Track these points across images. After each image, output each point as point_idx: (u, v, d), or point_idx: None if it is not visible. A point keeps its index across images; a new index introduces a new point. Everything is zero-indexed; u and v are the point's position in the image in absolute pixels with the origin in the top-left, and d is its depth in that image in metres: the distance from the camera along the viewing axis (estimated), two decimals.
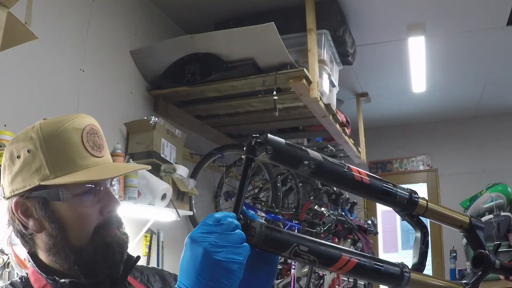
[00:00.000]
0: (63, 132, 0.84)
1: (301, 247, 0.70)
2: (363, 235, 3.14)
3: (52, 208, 0.83)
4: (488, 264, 0.90)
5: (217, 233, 0.63)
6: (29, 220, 0.84)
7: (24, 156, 0.83)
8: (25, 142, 0.84)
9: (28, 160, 0.83)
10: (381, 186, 0.82)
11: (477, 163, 5.13)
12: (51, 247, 0.83)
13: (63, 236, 0.83)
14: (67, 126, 0.85)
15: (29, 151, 0.83)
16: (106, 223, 0.86)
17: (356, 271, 0.74)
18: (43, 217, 0.83)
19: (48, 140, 0.83)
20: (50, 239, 0.83)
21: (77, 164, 0.84)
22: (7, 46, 1.27)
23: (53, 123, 0.86)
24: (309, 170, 0.74)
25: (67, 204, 0.83)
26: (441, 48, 3.51)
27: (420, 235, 0.90)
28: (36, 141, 0.83)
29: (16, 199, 0.84)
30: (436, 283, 0.85)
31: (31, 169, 0.82)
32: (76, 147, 0.85)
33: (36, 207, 0.83)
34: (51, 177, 0.82)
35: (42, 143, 0.83)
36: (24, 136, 0.85)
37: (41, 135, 0.84)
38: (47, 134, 0.84)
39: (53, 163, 0.82)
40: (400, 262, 0.81)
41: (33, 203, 0.83)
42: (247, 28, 2.32)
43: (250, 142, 0.70)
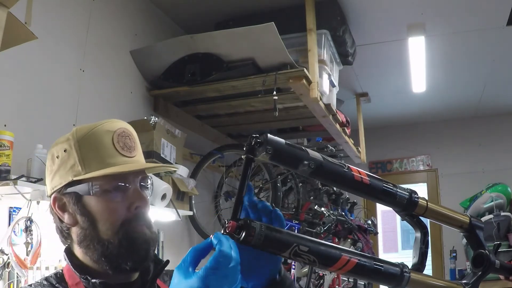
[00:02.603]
0: (95, 133, 0.91)
1: (301, 247, 0.69)
2: (363, 235, 3.14)
3: (84, 203, 0.89)
4: (488, 264, 0.90)
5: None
6: (64, 214, 0.90)
7: (61, 156, 0.90)
8: (63, 143, 0.91)
9: (64, 159, 0.90)
10: (381, 186, 0.82)
11: (477, 163, 5.13)
12: (82, 240, 0.89)
13: (93, 229, 0.88)
14: (99, 128, 0.92)
15: (65, 151, 0.90)
16: (133, 219, 0.90)
17: (356, 271, 0.74)
18: (76, 211, 0.89)
19: (81, 140, 0.90)
20: (82, 231, 0.89)
21: (106, 162, 0.89)
22: (7, 46, 1.27)
23: (87, 126, 0.93)
24: (309, 170, 0.74)
25: (97, 198, 0.88)
26: (441, 48, 3.51)
27: (420, 235, 0.90)
28: (71, 141, 0.90)
29: (55, 195, 0.91)
30: (436, 283, 0.85)
31: (66, 166, 0.89)
32: (106, 146, 0.91)
33: (70, 201, 0.89)
34: (82, 172, 0.88)
35: (76, 143, 0.90)
36: (63, 139, 0.92)
37: (76, 136, 0.91)
38: (81, 135, 0.91)
39: (85, 161, 0.89)
40: (400, 262, 0.81)
41: (68, 198, 0.90)
42: (247, 28, 2.32)
43: (250, 142, 0.70)
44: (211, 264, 0.60)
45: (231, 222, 0.67)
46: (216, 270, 0.60)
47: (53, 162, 0.92)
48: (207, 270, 0.60)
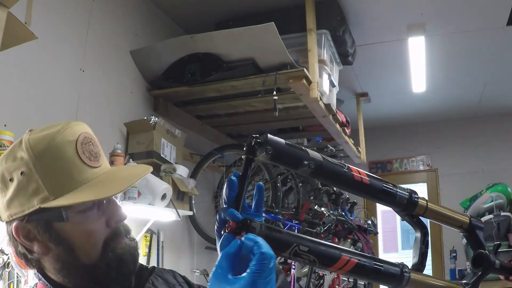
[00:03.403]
0: (55, 148, 0.79)
1: (301, 247, 0.69)
2: (363, 235, 3.14)
3: (56, 229, 0.79)
4: (488, 264, 0.90)
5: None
6: (33, 244, 0.80)
7: (18, 179, 0.78)
8: (15, 163, 0.79)
9: (23, 183, 0.78)
10: (381, 186, 0.82)
11: (477, 163, 5.13)
12: (61, 269, 0.80)
13: (73, 257, 0.79)
14: (59, 140, 0.79)
15: (22, 174, 0.78)
16: (114, 234, 0.83)
17: (356, 271, 0.74)
18: (48, 239, 0.79)
19: (41, 159, 0.78)
20: (58, 261, 0.79)
21: (76, 180, 0.79)
22: (7, 46, 1.27)
23: (43, 139, 0.79)
24: (309, 170, 0.74)
25: (72, 223, 0.79)
26: (441, 48, 3.51)
27: (420, 235, 0.90)
28: (28, 162, 0.78)
29: (16, 224, 0.79)
30: (436, 283, 0.85)
31: (27, 192, 0.77)
32: (72, 161, 0.79)
33: (39, 230, 0.79)
34: (51, 198, 0.77)
35: (36, 163, 0.78)
36: (14, 157, 0.79)
37: (33, 154, 0.78)
38: (39, 152, 0.78)
39: (51, 183, 0.78)
40: (400, 262, 0.81)
41: (34, 226, 0.79)
42: (247, 28, 2.32)
43: (250, 142, 0.70)
44: (256, 268, 0.59)
45: (231, 222, 0.67)
46: (263, 273, 0.59)
47: (5, 186, 0.79)
48: (254, 275, 0.58)
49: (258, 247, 0.60)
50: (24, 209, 0.78)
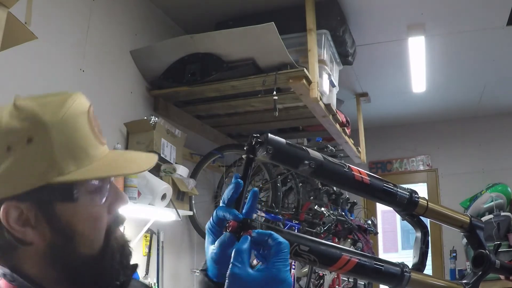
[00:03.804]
0: (70, 117, 0.69)
1: (302, 247, 0.70)
2: (363, 235, 3.14)
3: (58, 213, 0.67)
4: (488, 264, 0.90)
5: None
6: (25, 230, 0.66)
7: (21, 149, 0.65)
8: (14, 130, 0.66)
9: (29, 154, 0.65)
10: (381, 186, 0.82)
11: (477, 163, 5.13)
12: (52, 262, 0.67)
13: (72, 247, 0.68)
14: (72, 110, 0.69)
15: (30, 142, 0.65)
16: (115, 222, 0.74)
17: (356, 271, 0.74)
18: (45, 225, 0.66)
19: (55, 128, 0.66)
20: (51, 251, 0.67)
21: (90, 156, 0.69)
22: (7, 46, 1.27)
23: (57, 104, 0.69)
24: (310, 170, 0.74)
25: (77, 205, 0.68)
26: (441, 48, 3.51)
27: (420, 235, 0.90)
28: (37, 129, 0.66)
29: (6, 204, 0.65)
30: (436, 283, 0.85)
31: (33, 164, 0.65)
32: (86, 134, 0.70)
33: (37, 212, 0.66)
34: (65, 172, 0.66)
35: (48, 131, 0.66)
36: (14, 122, 0.66)
37: (44, 121, 0.66)
38: (52, 120, 0.67)
39: (65, 156, 0.66)
40: (400, 262, 0.81)
41: (31, 207, 0.66)
42: (247, 28, 2.32)
43: (250, 142, 0.70)
44: (279, 257, 0.62)
45: (232, 222, 0.67)
46: (285, 261, 0.62)
47: (3, 154, 0.65)
48: (279, 264, 0.62)
49: (274, 238, 0.64)
50: (24, 187, 0.65)
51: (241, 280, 0.60)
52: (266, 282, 0.60)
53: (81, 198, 0.68)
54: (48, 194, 0.66)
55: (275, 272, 0.61)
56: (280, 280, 0.61)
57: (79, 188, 0.68)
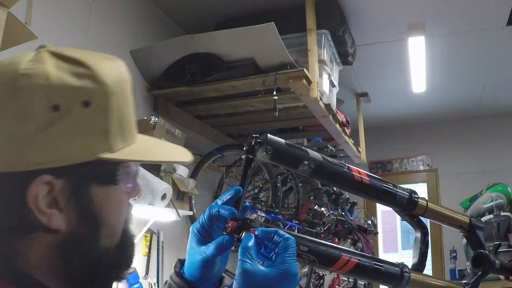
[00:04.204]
0: (125, 83, 0.60)
1: (301, 247, 0.70)
2: (363, 235, 3.14)
3: (91, 196, 0.56)
4: (488, 264, 0.90)
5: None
6: (52, 212, 0.54)
7: (74, 112, 0.53)
8: (73, 88, 0.53)
9: (83, 119, 0.53)
10: (381, 186, 0.82)
11: (477, 163, 5.13)
12: (63, 256, 0.56)
13: (95, 238, 0.57)
14: (125, 75, 0.61)
15: (87, 105, 0.54)
16: (131, 214, 0.67)
17: (356, 271, 0.74)
18: (73, 209, 0.55)
19: (116, 93, 0.57)
20: (70, 242, 0.55)
21: (132, 134, 0.60)
22: (7, 46, 1.27)
23: (111, 65, 0.59)
24: (309, 170, 0.74)
25: (113, 190, 0.59)
26: (441, 48, 3.51)
27: (420, 235, 0.90)
28: (99, 90, 0.55)
29: (46, 177, 0.53)
30: (436, 283, 0.85)
31: (86, 133, 0.54)
32: (132, 108, 0.61)
33: (69, 193, 0.55)
34: (114, 148, 0.56)
35: (111, 95, 0.56)
36: (67, 77, 0.53)
37: (109, 83, 0.56)
38: (114, 84, 0.56)
39: (118, 129, 0.57)
40: (400, 262, 0.81)
41: (63, 186, 0.54)
42: (247, 28, 2.32)
43: (250, 142, 0.71)
44: (289, 252, 0.63)
45: (231, 222, 0.67)
46: (294, 255, 0.63)
47: (34, 114, 0.52)
48: (289, 258, 0.62)
49: (281, 235, 0.65)
50: (68, 158, 0.53)
51: (254, 276, 0.60)
52: (279, 277, 0.61)
53: (120, 182, 0.59)
54: (90, 172, 0.55)
55: (287, 267, 0.61)
56: (292, 274, 0.62)
57: (121, 170, 0.59)
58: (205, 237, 0.70)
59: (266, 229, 0.66)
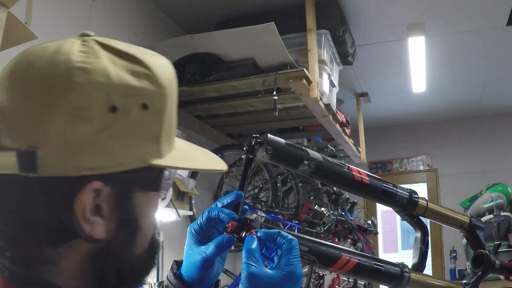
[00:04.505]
0: (175, 82, 0.56)
1: (301, 247, 0.70)
2: (363, 235, 3.14)
3: (134, 204, 0.53)
4: (488, 264, 0.90)
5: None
6: (96, 220, 0.50)
7: (132, 114, 0.49)
8: (133, 88, 0.49)
9: (140, 123, 0.50)
10: (381, 186, 0.82)
11: (477, 163, 5.13)
12: (97, 263, 0.52)
13: (132, 245, 0.54)
14: (174, 75, 0.56)
15: (145, 107, 0.50)
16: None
17: (356, 271, 0.74)
18: (115, 216, 0.52)
19: (170, 95, 0.53)
20: (106, 248, 0.51)
21: (174, 137, 0.57)
22: (7, 46, 1.27)
23: (164, 64, 0.54)
24: (309, 170, 0.74)
25: (153, 196, 0.57)
26: (441, 48, 3.51)
27: (420, 235, 0.90)
28: (157, 92, 0.51)
29: (95, 184, 0.49)
30: (436, 283, 0.85)
31: (141, 138, 0.50)
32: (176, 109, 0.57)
33: (115, 200, 0.51)
34: (163, 153, 0.53)
35: (167, 98, 0.52)
36: (126, 76, 0.49)
37: (166, 84, 0.52)
38: (169, 85, 0.53)
39: (167, 134, 0.54)
40: (400, 262, 0.81)
41: (110, 193, 0.50)
42: (247, 28, 2.32)
43: (250, 142, 0.71)
44: (294, 253, 0.63)
45: (231, 222, 0.67)
46: (298, 256, 0.63)
47: (91, 114, 0.47)
48: (295, 259, 0.62)
49: (284, 236, 0.64)
50: (123, 163, 0.49)
51: (260, 279, 0.60)
52: (285, 280, 0.61)
53: (161, 188, 0.57)
54: (136, 178, 0.51)
55: (293, 269, 0.62)
56: (298, 276, 0.62)
57: (165, 176, 0.56)
58: (203, 238, 0.69)
59: (269, 231, 0.66)
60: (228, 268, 3.22)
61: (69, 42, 0.51)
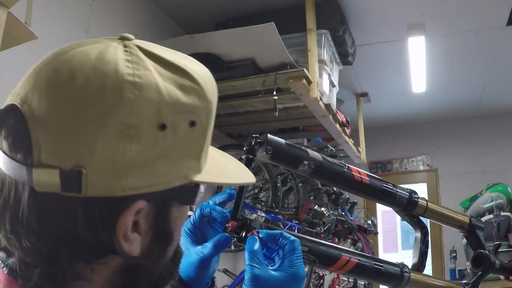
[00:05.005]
0: (217, 93, 0.54)
1: (301, 247, 0.70)
2: (363, 235, 3.14)
3: (170, 217, 0.51)
4: (488, 264, 0.90)
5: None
6: (135, 237, 0.48)
7: (179, 132, 0.47)
8: (182, 105, 0.47)
9: (186, 141, 0.48)
10: (381, 186, 0.82)
11: (477, 163, 5.13)
12: (129, 277, 0.51)
13: (162, 259, 0.53)
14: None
15: (193, 124, 0.48)
16: None
17: (356, 271, 0.74)
18: (154, 231, 0.50)
19: (214, 110, 0.52)
20: (139, 263, 0.50)
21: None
22: (7, 46, 1.27)
23: (208, 76, 0.52)
24: (309, 170, 0.74)
25: (185, 208, 0.55)
26: (441, 48, 3.51)
27: (420, 235, 0.90)
28: (205, 109, 0.50)
29: (140, 204, 0.47)
30: (436, 283, 0.85)
31: (187, 156, 0.49)
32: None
33: (153, 216, 0.49)
34: (201, 168, 0.52)
35: (212, 114, 0.51)
36: (175, 91, 0.47)
37: (212, 100, 0.51)
38: (214, 100, 0.52)
39: (207, 148, 0.53)
40: (400, 262, 0.81)
41: (150, 210, 0.49)
42: (247, 28, 2.32)
43: (250, 142, 0.71)
44: (297, 254, 0.63)
45: (231, 222, 0.67)
46: (301, 257, 0.64)
47: (140, 132, 0.45)
48: (298, 260, 0.63)
49: (287, 237, 0.65)
50: (168, 181, 0.48)
51: (264, 281, 0.60)
52: (289, 281, 0.61)
53: (195, 201, 0.55)
54: (175, 193, 0.49)
55: (296, 270, 0.62)
56: (301, 277, 0.62)
57: (200, 190, 0.54)
58: (198, 237, 0.69)
59: (271, 231, 0.66)
60: (228, 268, 3.21)
61: (112, 47, 0.49)
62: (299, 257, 0.63)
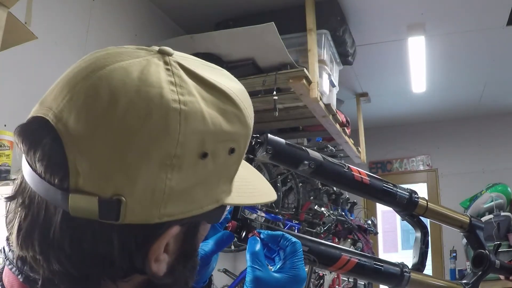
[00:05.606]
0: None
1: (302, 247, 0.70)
2: (363, 235, 3.14)
3: (197, 236, 0.52)
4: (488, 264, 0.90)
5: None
6: (164, 257, 0.48)
7: (219, 159, 0.47)
8: (224, 133, 0.46)
9: (224, 168, 0.48)
10: (381, 186, 0.82)
11: (477, 163, 5.13)
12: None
13: (186, 270, 0.52)
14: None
15: (232, 152, 0.48)
16: None
17: (356, 271, 0.74)
18: (181, 250, 0.50)
19: (252, 131, 0.52)
20: (164, 279, 0.49)
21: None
22: (7, 46, 1.27)
23: (247, 99, 0.52)
24: (309, 170, 0.74)
25: (208, 226, 0.55)
26: (441, 48, 3.51)
27: (420, 235, 0.90)
28: (244, 136, 0.50)
29: (175, 229, 0.47)
30: (436, 283, 0.85)
31: (222, 181, 0.49)
32: None
33: (183, 237, 0.49)
34: (232, 189, 0.52)
35: (247, 139, 0.51)
36: (218, 119, 0.46)
37: (250, 125, 0.51)
38: (252, 120, 0.52)
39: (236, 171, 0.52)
40: (400, 262, 0.81)
41: (180, 232, 0.49)
42: (247, 28, 2.32)
43: (250, 142, 0.71)
44: (298, 255, 0.64)
45: (232, 222, 0.67)
46: (302, 259, 0.64)
47: (183, 161, 0.44)
48: (299, 262, 0.63)
49: (288, 238, 0.65)
50: (203, 206, 0.48)
51: (266, 283, 0.61)
52: (290, 282, 0.62)
53: (221, 219, 0.54)
54: (206, 216, 0.49)
55: (297, 272, 0.62)
56: (302, 279, 0.63)
57: (227, 208, 0.53)
58: None
59: (272, 232, 0.66)
60: (228, 268, 3.21)
61: (153, 64, 0.45)
62: (300, 259, 0.63)
